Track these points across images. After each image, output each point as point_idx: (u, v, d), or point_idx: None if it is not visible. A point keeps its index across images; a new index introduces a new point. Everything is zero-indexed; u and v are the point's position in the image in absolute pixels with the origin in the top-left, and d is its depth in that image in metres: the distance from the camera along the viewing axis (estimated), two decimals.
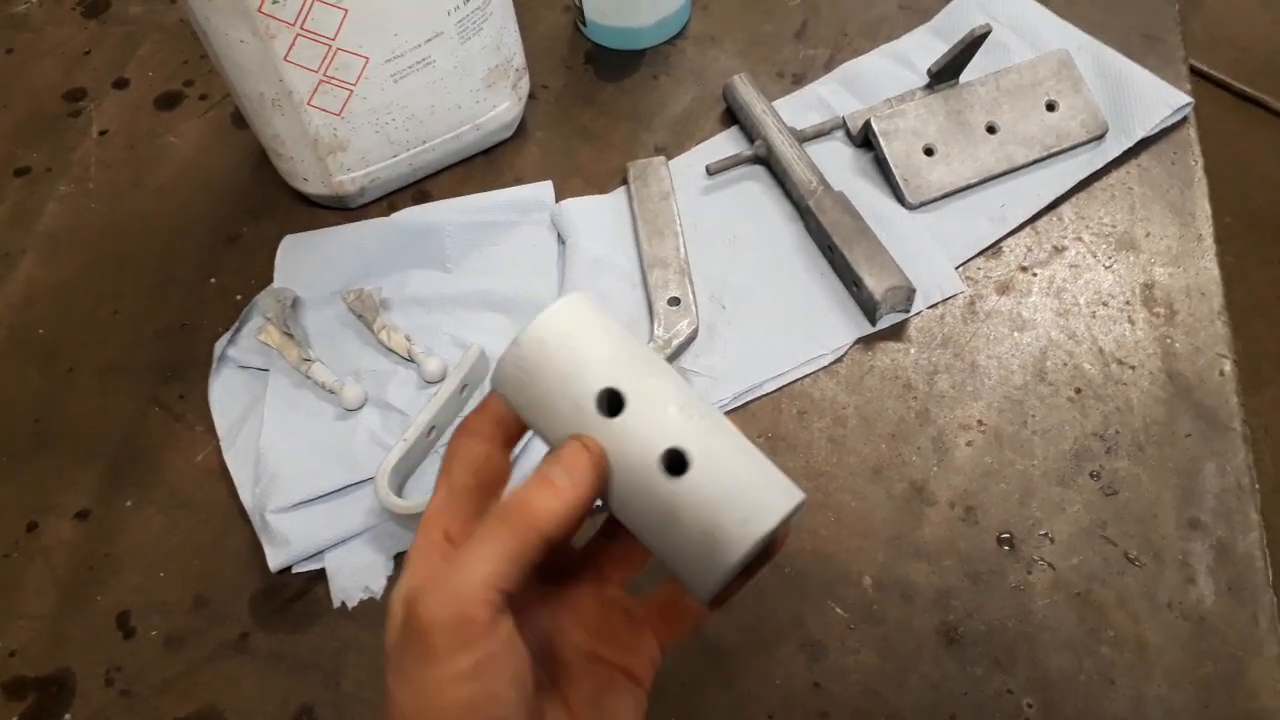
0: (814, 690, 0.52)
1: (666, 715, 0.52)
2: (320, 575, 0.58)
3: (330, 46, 0.61)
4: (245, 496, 0.60)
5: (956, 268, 0.66)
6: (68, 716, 0.55)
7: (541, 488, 0.33)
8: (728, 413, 0.61)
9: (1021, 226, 0.68)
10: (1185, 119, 0.72)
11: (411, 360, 0.64)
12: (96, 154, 0.79)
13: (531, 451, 0.60)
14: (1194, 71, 0.75)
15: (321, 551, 0.58)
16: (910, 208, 0.68)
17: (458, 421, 0.62)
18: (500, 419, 0.37)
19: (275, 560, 0.58)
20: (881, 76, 0.75)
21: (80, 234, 0.75)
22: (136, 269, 0.72)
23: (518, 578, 0.32)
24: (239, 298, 0.69)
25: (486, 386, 0.63)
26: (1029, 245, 0.67)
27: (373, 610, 0.57)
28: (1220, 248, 0.66)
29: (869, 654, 0.53)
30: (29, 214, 0.76)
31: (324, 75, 0.62)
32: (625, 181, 0.72)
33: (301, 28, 0.59)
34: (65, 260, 0.73)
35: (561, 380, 0.34)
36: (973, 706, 0.51)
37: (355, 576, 0.58)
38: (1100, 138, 0.70)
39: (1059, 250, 0.67)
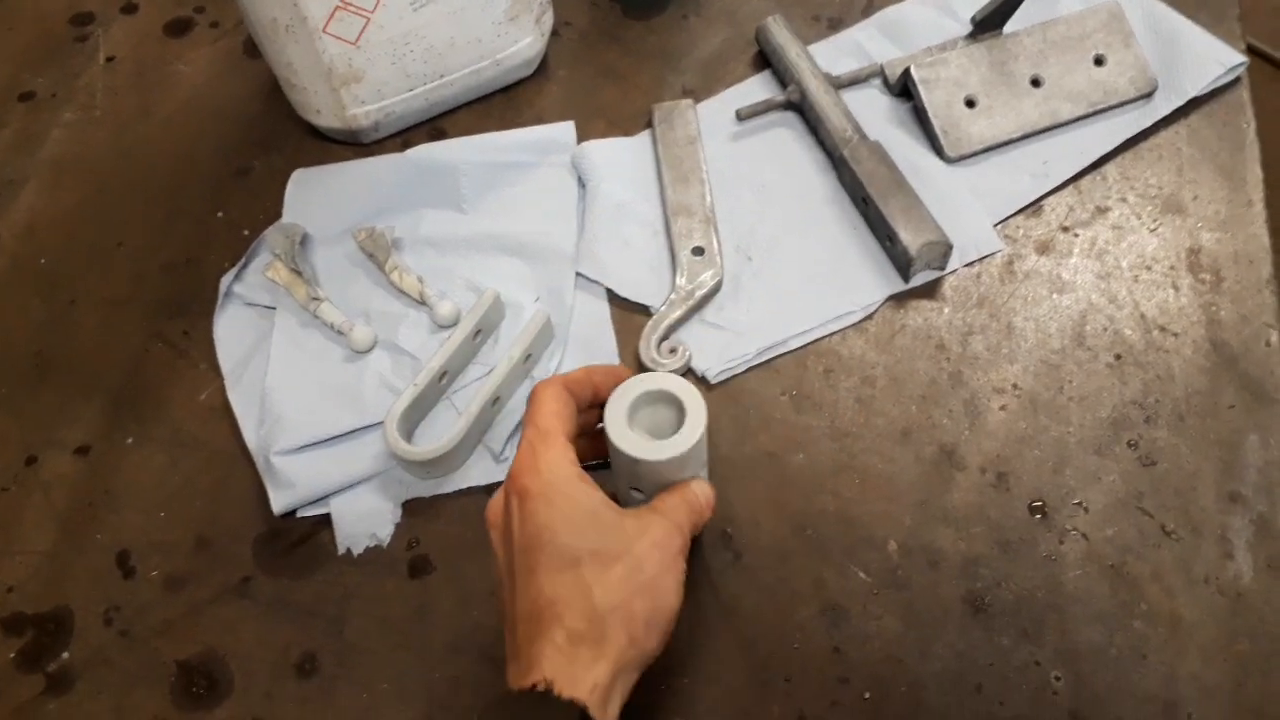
0: (834, 655, 0.50)
1: (682, 676, 0.50)
2: (325, 520, 0.56)
3: None
4: (249, 437, 0.59)
5: (995, 225, 0.63)
6: (65, 654, 0.53)
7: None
8: (751, 369, 0.59)
9: (1064, 185, 0.65)
10: (1238, 79, 0.68)
11: (423, 303, 0.62)
12: (103, 81, 0.76)
13: None
14: None
15: (327, 496, 0.57)
16: (949, 161, 0.66)
17: (474, 368, 0.60)
18: (587, 384, 0.47)
19: (279, 503, 0.56)
20: (923, 24, 0.72)
21: (85, 163, 0.72)
22: (142, 200, 0.70)
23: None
24: (246, 233, 0.67)
25: (504, 336, 0.61)
26: (1071, 204, 0.64)
27: (378, 558, 0.55)
28: (1269, 213, 0.64)
29: (892, 620, 0.51)
30: (33, 140, 0.74)
31: (340, 1, 0.59)
32: (650, 124, 0.69)
33: None
34: (69, 189, 0.71)
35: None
36: (999, 677, 0.49)
37: (361, 523, 0.56)
38: (1149, 95, 0.67)
39: (1102, 211, 0.64)
